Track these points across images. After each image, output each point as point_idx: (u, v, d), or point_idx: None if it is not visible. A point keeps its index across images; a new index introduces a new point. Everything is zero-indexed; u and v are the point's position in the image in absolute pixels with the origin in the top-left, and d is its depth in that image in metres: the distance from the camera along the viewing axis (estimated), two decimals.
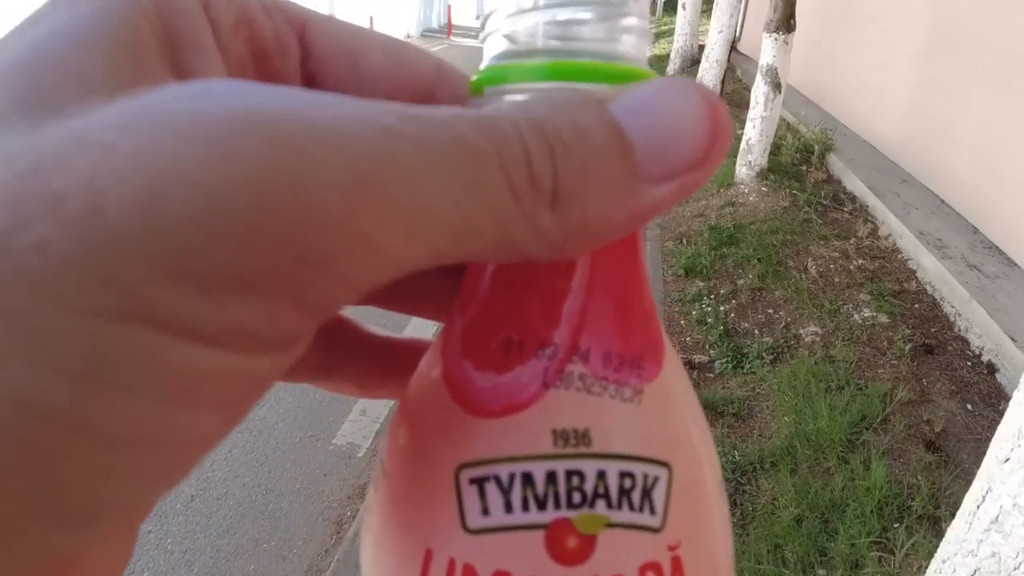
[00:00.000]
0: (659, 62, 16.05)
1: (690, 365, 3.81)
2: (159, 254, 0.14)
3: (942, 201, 5.60)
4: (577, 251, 0.20)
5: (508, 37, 0.22)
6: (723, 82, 9.76)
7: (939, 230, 4.98)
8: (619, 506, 0.22)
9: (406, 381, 0.26)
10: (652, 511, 0.22)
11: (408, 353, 0.30)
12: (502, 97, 0.22)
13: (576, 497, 0.22)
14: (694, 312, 4.23)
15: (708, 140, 0.20)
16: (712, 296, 4.45)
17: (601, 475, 0.22)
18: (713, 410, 3.34)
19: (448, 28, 20.00)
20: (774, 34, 5.54)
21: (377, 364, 0.30)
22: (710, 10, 18.71)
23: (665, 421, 0.24)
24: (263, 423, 3.75)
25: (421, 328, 3.15)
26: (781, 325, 4.11)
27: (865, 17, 7.67)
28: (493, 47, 0.23)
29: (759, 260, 4.76)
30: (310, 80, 0.25)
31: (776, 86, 5.67)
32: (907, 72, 6.57)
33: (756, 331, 4.08)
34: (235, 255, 0.14)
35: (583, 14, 0.22)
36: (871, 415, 3.11)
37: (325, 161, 0.15)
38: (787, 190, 5.82)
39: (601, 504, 0.22)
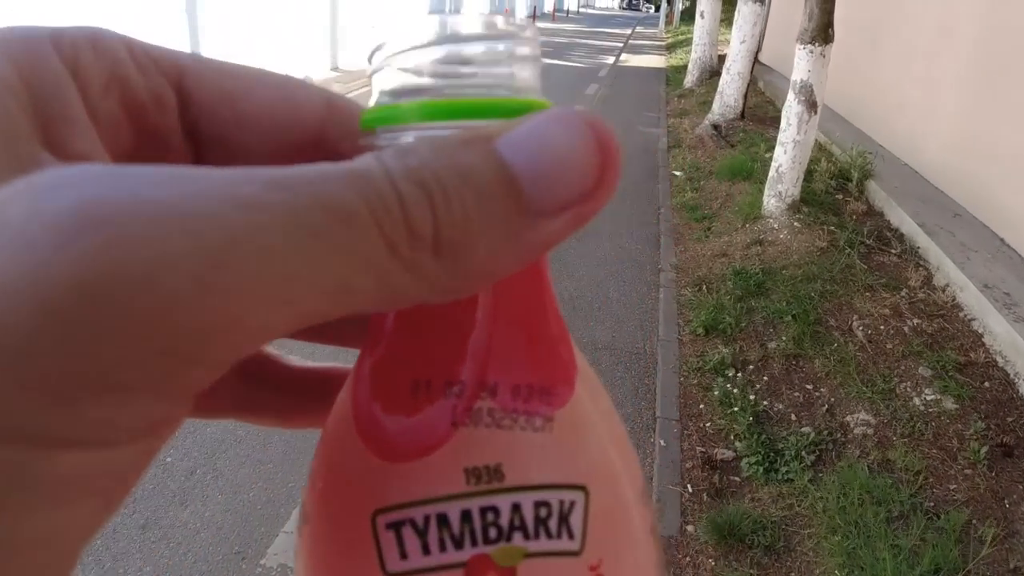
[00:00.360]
0: (676, 73, 15.35)
1: (710, 463, 3.06)
2: (5, 367, 0.14)
3: (1002, 241, 4.80)
4: (470, 291, 0.20)
5: (397, 73, 0.22)
6: (745, 96, 9.02)
7: (1005, 281, 4.19)
8: (536, 536, 0.22)
9: (328, 409, 0.25)
10: (571, 536, 0.23)
11: (328, 382, 0.30)
12: (392, 137, 0.22)
13: (492, 532, 0.22)
14: (716, 388, 3.48)
15: (597, 170, 0.19)
16: (738, 365, 3.69)
17: (516, 508, 0.22)
18: (738, 539, 2.58)
19: None
20: (809, 45, 4.78)
21: (297, 395, 0.30)
22: (730, 19, 18.05)
23: (579, 444, 0.24)
24: (184, 531, 3.04)
25: None
26: (823, 408, 3.35)
27: (905, 25, 6.88)
28: (383, 82, 0.22)
29: (794, 317, 4.00)
30: (192, 130, 0.24)
31: (811, 105, 4.91)
32: (955, 88, 5.78)
33: (792, 416, 3.32)
34: (83, 357, 0.14)
35: (471, 48, 0.22)
36: (948, 566, 2.34)
37: (173, 248, 0.15)
38: (824, 226, 5.05)
39: (518, 536, 0.22)
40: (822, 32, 4.73)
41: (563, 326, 0.25)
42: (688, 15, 33.09)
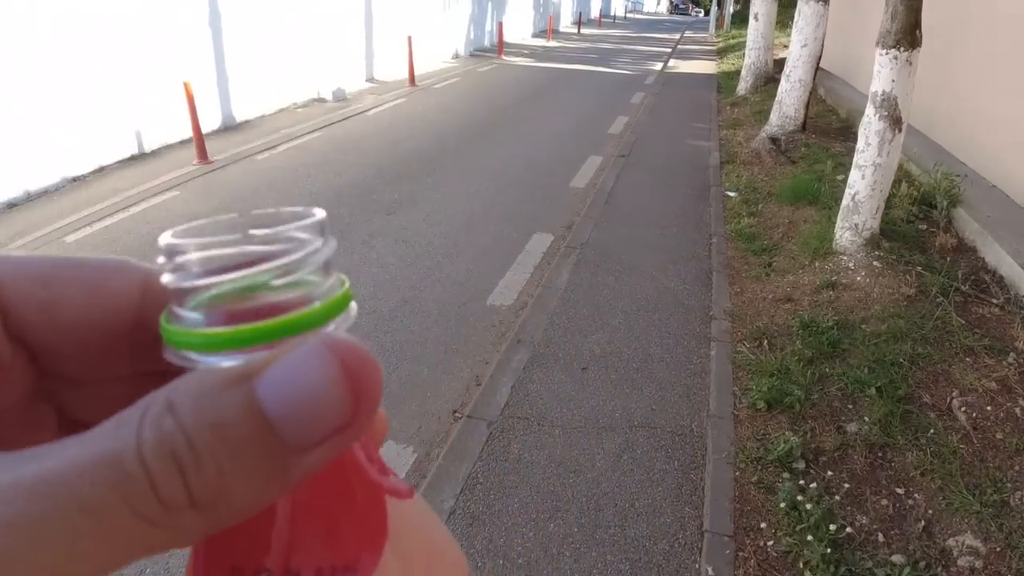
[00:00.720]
0: (728, 80, 14.48)
1: None
2: None
3: None
4: (236, 522, 0.21)
5: (185, 276, 0.24)
6: (807, 105, 8.16)
7: None
8: None
9: None
10: None
11: None
12: (179, 356, 0.23)
13: None
14: (780, 491, 2.73)
15: (351, 404, 0.21)
16: (808, 456, 2.94)
17: None
18: None
19: (499, 47, 18.86)
20: (892, 51, 3.99)
21: None
22: (784, 21, 17.09)
23: None
24: None
25: None
26: (919, 524, 2.58)
27: (992, 25, 6.00)
28: (171, 286, 0.24)
29: (878, 391, 3.23)
30: (19, 338, 0.25)
31: (895, 122, 4.12)
32: None
33: (880, 534, 2.55)
34: None
35: (256, 250, 0.24)
36: None
37: None
38: (909, 266, 4.24)
39: None
40: (908, 34, 3.95)
41: (376, 490, 0.26)
42: (740, 18, 31.97)
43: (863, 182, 4.29)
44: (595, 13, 38.32)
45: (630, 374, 3.61)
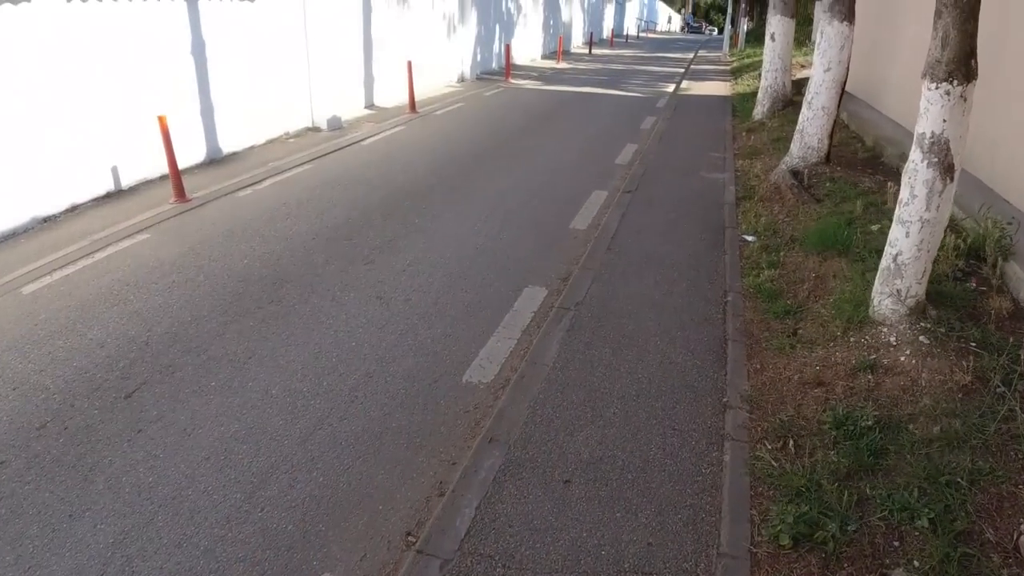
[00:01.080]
0: (744, 102, 13.77)
1: None
2: None
3: None
4: None
5: None
6: (831, 135, 7.47)
7: None
8: None
9: None
10: None
11: None
12: None
13: None
14: None
15: None
16: None
17: None
18: None
19: (507, 70, 18.31)
20: (944, 84, 3.32)
21: None
22: (800, 39, 16.34)
23: None
24: None
25: None
26: None
27: None
28: None
29: (931, 522, 2.53)
30: None
31: (947, 169, 3.44)
32: None
33: None
34: None
35: None
36: None
37: None
38: (962, 341, 3.53)
39: None
40: (962, 65, 3.27)
41: None
42: (754, 36, 31.32)
43: (907, 240, 3.60)
44: (607, 32, 37.84)
45: (623, 489, 2.92)
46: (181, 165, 8.05)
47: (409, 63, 12.61)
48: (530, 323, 4.53)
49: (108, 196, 7.21)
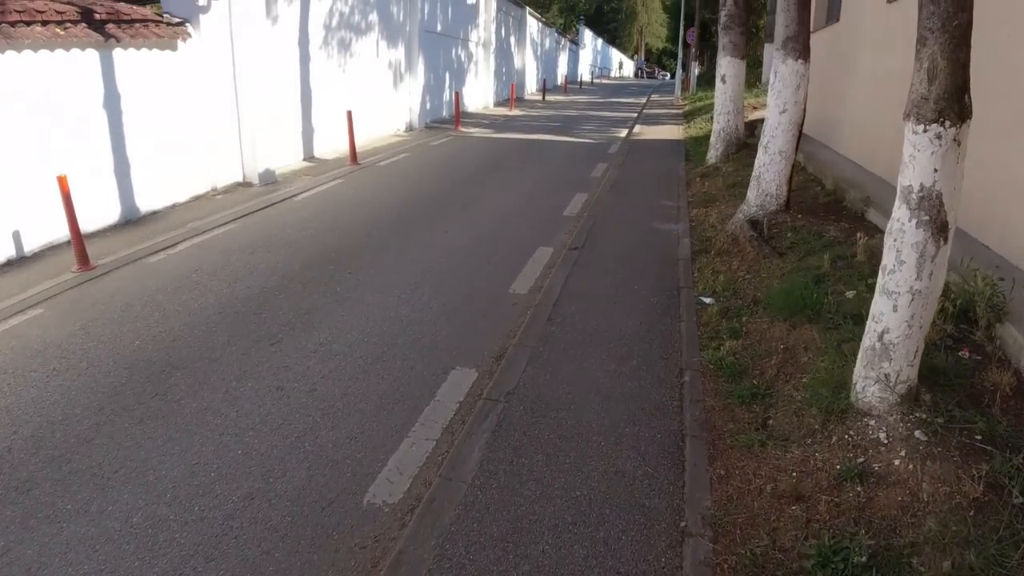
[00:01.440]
0: (697, 146, 13.34)
1: None
2: None
3: None
4: None
5: None
6: (790, 180, 6.93)
7: None
8: None
9: None
10: None
11: None
12: None
13: None
14: None
15: None
16: None
17: None
18: None
19: (456, 118, 17.81)
20: (934, 127, 2.71)
21: None
22: (751, 81, 16.11)
23: None
24: None
25: None
26: None
27: (1015, 78, 4.85)
28: None
29: None
30: None
31: (940, 229, 2.80)
32: None
33: None
34: None
35: None
36: None
37: None
38: (965, 435, 2.87)
39: None
40: (954, 102, 2.66)
41: None
42: (705, 79, 31.53)
43: (895, 316, 2.94)
44: (561, 79, 37.92)
45: None
46: (92, 227, 7.28)
47: (349, 113, 11.97)
48: (453, 418, 3.78)
49: (9, 264, 6.42)
